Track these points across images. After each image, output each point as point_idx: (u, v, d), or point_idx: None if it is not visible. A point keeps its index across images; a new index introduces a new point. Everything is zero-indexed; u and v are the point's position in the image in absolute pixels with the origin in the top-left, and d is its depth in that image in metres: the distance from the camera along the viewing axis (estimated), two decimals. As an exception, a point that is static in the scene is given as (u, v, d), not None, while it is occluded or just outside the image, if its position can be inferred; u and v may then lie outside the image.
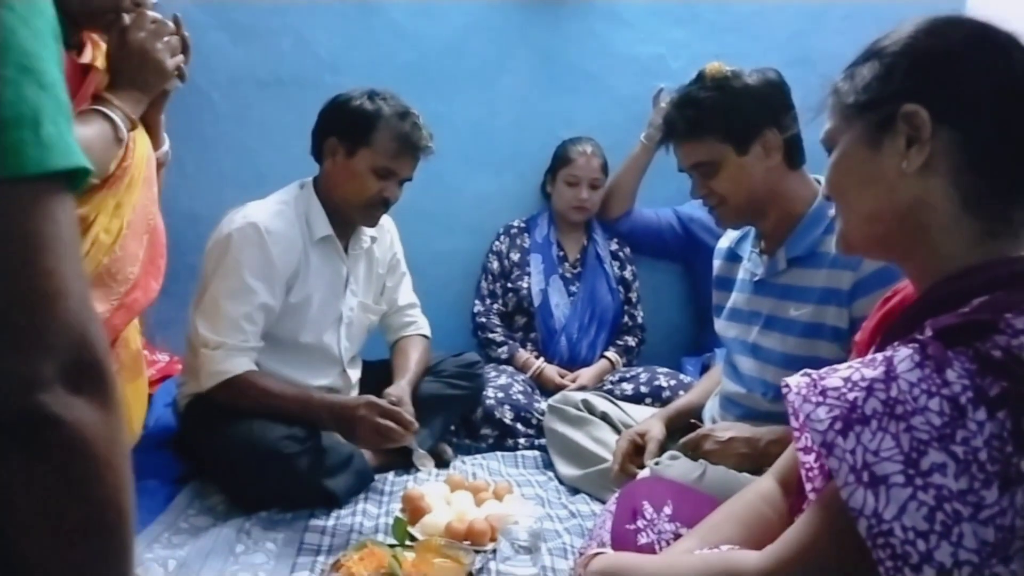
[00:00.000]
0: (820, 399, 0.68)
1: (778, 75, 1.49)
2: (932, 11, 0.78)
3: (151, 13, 1.41)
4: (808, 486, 0.76)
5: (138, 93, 1.42)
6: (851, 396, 0.66)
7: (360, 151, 1.78)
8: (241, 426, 1.63)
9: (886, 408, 0.65)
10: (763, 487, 0.99)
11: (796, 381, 0.71)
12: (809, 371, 0.71)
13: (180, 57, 1.48)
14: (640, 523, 1.18)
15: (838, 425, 0.66)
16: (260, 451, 1.59)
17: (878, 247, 0.83)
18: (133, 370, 1.62)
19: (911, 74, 0.75)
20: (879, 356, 0.68)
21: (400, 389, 1.79)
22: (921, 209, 0.74)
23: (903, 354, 0.67)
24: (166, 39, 1.43)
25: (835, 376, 0.68)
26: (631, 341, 2.52)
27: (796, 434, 0.76)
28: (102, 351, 0.48)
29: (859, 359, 0.71)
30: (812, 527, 0.72)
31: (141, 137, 1.46)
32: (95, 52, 1.46)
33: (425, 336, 2.08)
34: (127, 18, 1.39)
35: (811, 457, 0.75)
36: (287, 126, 1.87)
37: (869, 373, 0.67)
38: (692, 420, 1.67)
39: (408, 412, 1.66)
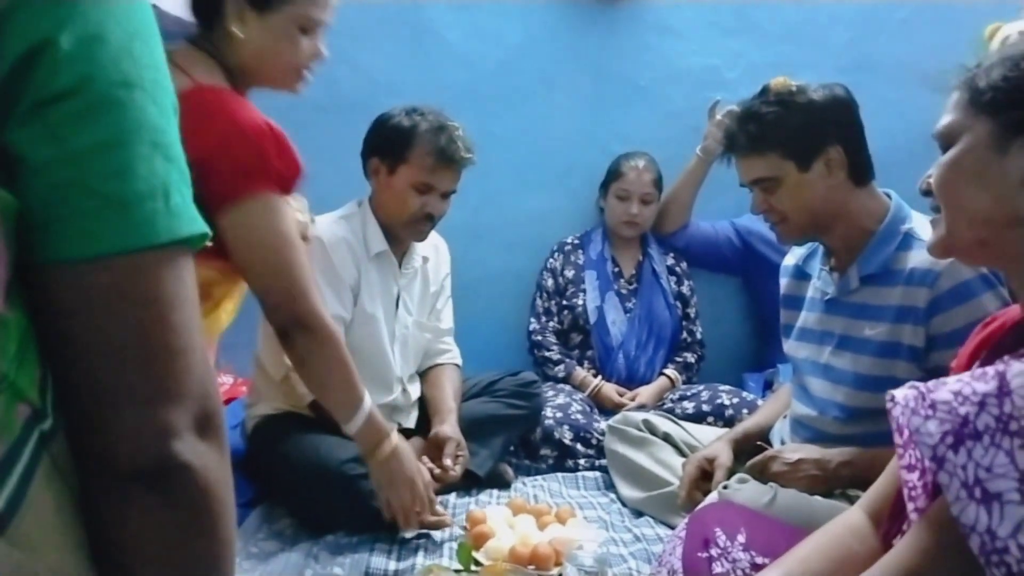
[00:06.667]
0: (930, 412, 0.66)
1: (845, 91, 1.45)
2: (993, 14, 0.76)
3: None
4: (910, 505, 0.73)
5: None
6: (962, 410, 0.65)
7: (399, 168, 1.83)
8: (307, 448, 1.66)
9: (999, 424, 0.63)
10: (852, 520, 0.95)
11: (903, 393, 0.69)
12: (916, 383, 0.70)
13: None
14: (713, 551, 1.15)
15: (949, 439, 0.64)
16: (325, 473, 1.61)
17: (981, 252, 0.80)
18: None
19: None
20: (990, 370, 0.66)
21: (452, 430, 1.84)
22: None
23: (1016, 368, 0.65)
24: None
25: (944, 389, 0.67)
26: (690, 358, 2.48)
27: (900, 451, 0.74)
28: (219, 400, 0.52)
29: (968, 372, 0.68)
30: (918, 547, 0.70)
31: None
32: None
33: (458, 366, 2.08)
34: None
35: (915, 475, 0.73)
36: (346, 149, 1.91)
37: (981, 387, 0.65)
38: (759, 442, 1.63)
39: (461, 448, 1.77)
